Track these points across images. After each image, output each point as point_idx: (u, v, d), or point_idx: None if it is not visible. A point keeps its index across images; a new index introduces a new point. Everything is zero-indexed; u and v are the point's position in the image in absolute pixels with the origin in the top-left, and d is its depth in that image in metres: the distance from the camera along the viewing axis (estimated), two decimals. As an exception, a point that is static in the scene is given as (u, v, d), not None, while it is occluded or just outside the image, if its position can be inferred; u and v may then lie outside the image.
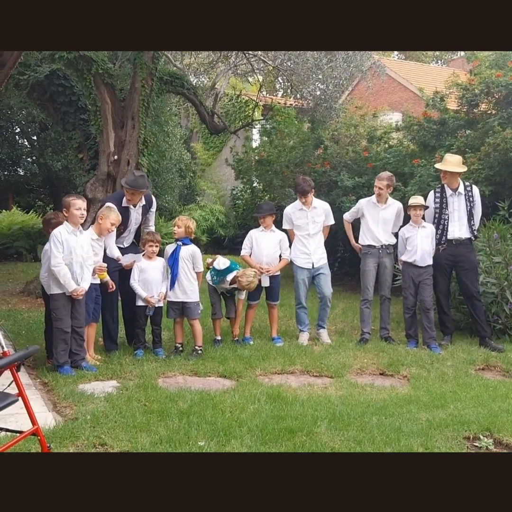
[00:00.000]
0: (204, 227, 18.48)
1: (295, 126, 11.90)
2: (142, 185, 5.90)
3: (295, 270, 6.61)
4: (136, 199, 5.88)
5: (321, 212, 6.56)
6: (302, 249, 6.53)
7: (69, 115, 9.54)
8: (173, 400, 4.39)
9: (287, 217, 6.62)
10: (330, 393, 4.78)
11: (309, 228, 6.50)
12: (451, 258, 6.45)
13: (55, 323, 5.12)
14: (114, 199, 5.97)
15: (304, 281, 6.56)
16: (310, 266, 6.50)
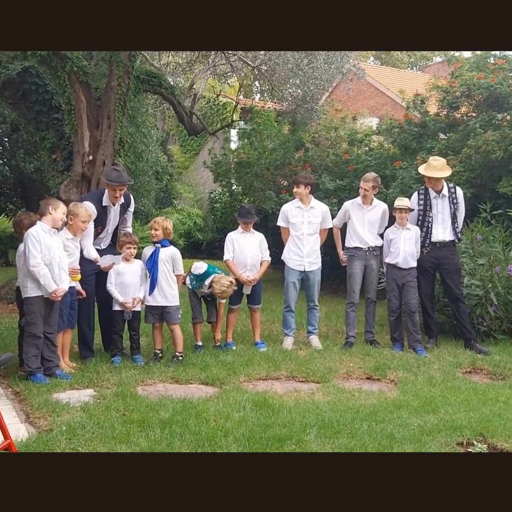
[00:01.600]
0: (181, 231, 18.21)
1: (275, 128, 11.75)
2: (127, 179, 5.73)
3: (287, 271, 6.43)
4: (121, 195, 5.67)
5: (318, 213, 6.39)
6: (295, 250, 6.36)
7: (42, 114, 9.24)
8: (154, 409, 4.18)
9: (283, 214, 6.44)
10: (317, 399, 4.61)
11: (304, 228, 6.33)
12: (435, 261, 6.35)
13: (29, 328, 4.86)
14: (92, 198, 5.73)
15: (295, 284, 6.39)
16: (302, 268, 6.34)
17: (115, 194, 5.62)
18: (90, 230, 5.48)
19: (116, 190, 5.61)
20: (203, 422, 3.95)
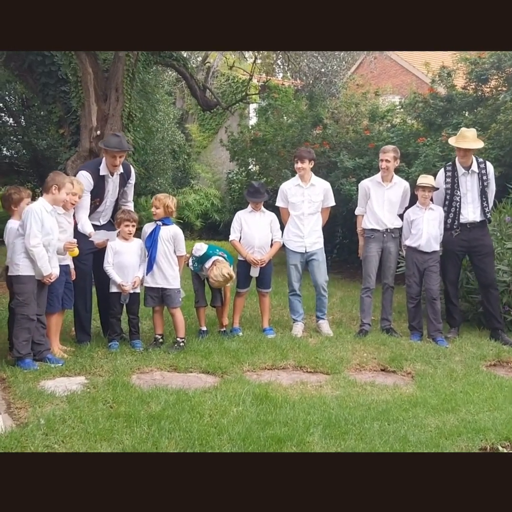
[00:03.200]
0: (198, 212, 17.93)
1: (292, 104, 11.24)
2: (126, 146, 5.37)
3: (287, 254, 6.03)
4: (120, 162, 5.28)
5: (320, 191, 5.96)
6: (295, 231, 5.95)
7: (49, 87, 8.90)
8: (145, 401, 3.82)
9: (282, 193, 6.01)
10: (325, 393, 4.21)
11: (304, 207, 5.90)
12: (465, 244, 5.84)
13: (20, 309, 4.53)
14: (88, 167, 5.36)
15: (297, 266, 5.98)
16: (303, 250, 5.92)
17: (115, 161, 5.22)
18: (86, 202, 5.11)
19: (116, 157, 5.21)
20: (196, 418, 3.58)
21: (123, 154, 5.30)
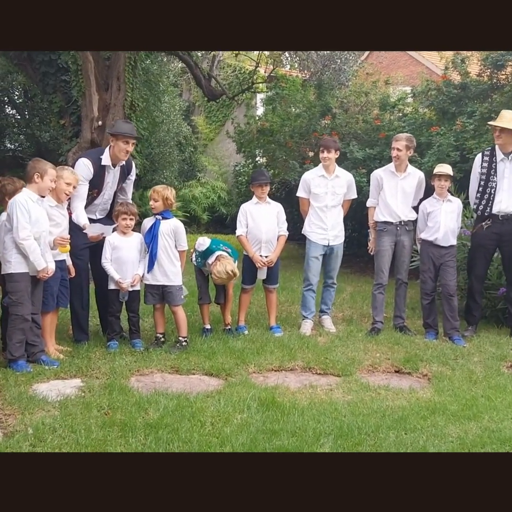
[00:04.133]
0: (205, 205, 17.71)
1: (300, 93, 10.91)
2: (135, 133, 5.13)
3: (308, 245, 5.76)
4: (129, 151, 4.99)
5: (343, 183, 5.69)
6: (318, 223, 5.68)
7: (49, 76, 8.63)
8: (142, 407, 3.56)
9: (305, 183, 5.73)
10: (336, 397, 3.93)
11: (327, 199, 5.63)
12: (496, 237, 5.51)
13: (14, 308, 4.25)
14: (89, 155, 5.08)
15: (317, 258, 5.70)
16: (326, 243, 5.67)
17: (128, 147, 4.94)
18: (83, 191, 4.82)
19: (129, 143, 4.94)
20: (197, 426, 3.31)
21: (134, 142, 5.06)
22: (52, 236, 4.43)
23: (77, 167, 4.87)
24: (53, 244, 4.45)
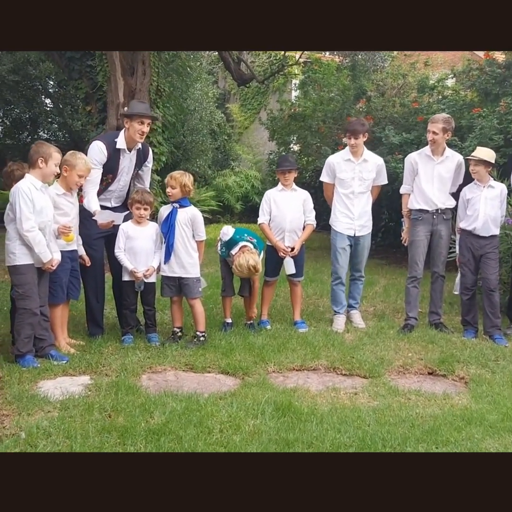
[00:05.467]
0: (238, 194, 17.46)
1: (334, 76, 10.48)
2: (150, 112, 4.88)
3: (334, 236, 5.38)
4: (144, 132, 4.70)
5: (372, 167, 5.28)
6: (344, 212, 5.29)
7: (75, 62, 8.41)
8: (147, 410, 3.29)
9: (330, 167, 5.34)
10: (360, 403, 3.58)
11: (354, 185, 5.24)
12: None
13: (22, 302, 4.03)
14: (104, 138, 4.81)
15: (345, 250, 5.32)
16: (352, 233, 5.28)
17: (143, 128, 4.64)
18: (96, 176, 4.53)
19: (144, 123, 4.65)
20: (204, 434, 3.02)
21: (150, 122, 4.76)
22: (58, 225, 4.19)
23: (90, 150, 4.62)
24: (57, 233, 4.21)
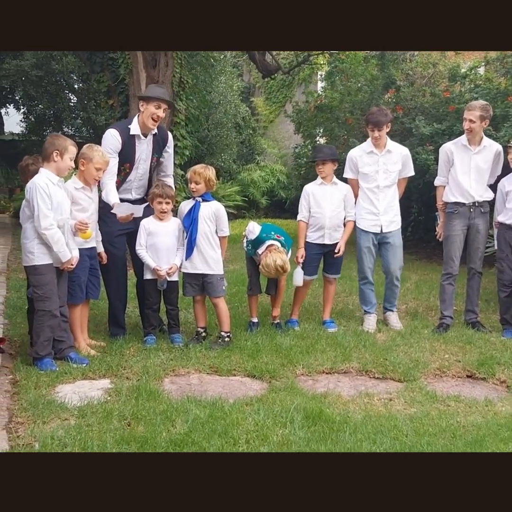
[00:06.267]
0: (263, 189, 17.28)
1: (361, 66, 10.17)
2: (168, 97, 4.72)
3: (359, 234, 5.10)
4: (159, 117, 4.48)
5: (397, 158, 4.98)
6: (368, 208, 5.02)
7: (97, 54, 8.32)
8: (169, 418, 3.10)
9: (352, 162, 5.06)
10: (396, 410, 3.35)
11: (379, 179, 4.96)
12: None
13: (41, 304, 3.87)
14: (118, 126, 4.65)
15: (370, 249, 5.06)
16: (378, 230, 5.00)
17: (159, 112, 4.43)
18: (113, 165, 4.33)
19: (160, 107, 4.43)
20: (229, 444, 2.83)
21: (166, 106, 4.55)
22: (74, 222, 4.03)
23: (104, 139, 4.45)
24: (74, 230, 4.04)
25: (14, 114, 17.93)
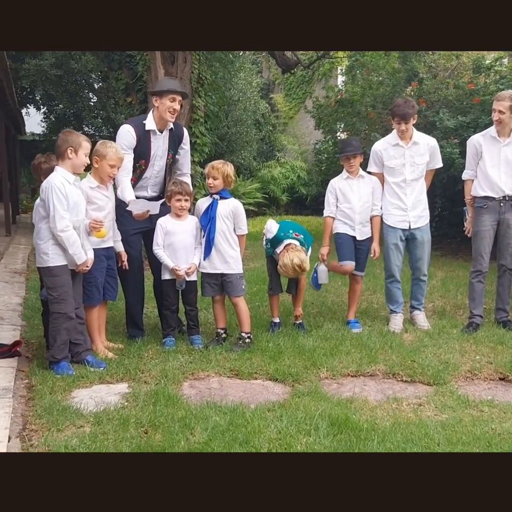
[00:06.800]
0: (284, 186, 17.13)
1: (382, 59, 9.94)
2: (181, 88, 4.51)
3: (385, 231, 4.89)
4: (176, 110, 4.33)
5: (424, 150, 4.78)
6: (395, 203, 4.82)
7: (114, 52, 8.21)
8: (188, 425, 2.97)
9: (376, 155, 4.86)
10: (427, 416, 3.17)
11: (406, 172, 4.76)
12: None
13: (57, 306, 3.77)
14: (132, 121, 4.52)
15: (398, 246, 4.87)
16: (406, 226, 4.81)
17: (174, 105, 4.28)
18: (127, 161, 4.21)
19: (175, 100, 4.28)
20: (251, 454, 2.69)
21: (181, 99, 4.40)
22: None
23: (118, 135, 4.34)
24: (88, 229, 3.92)
25: (34, 114, 18.01)
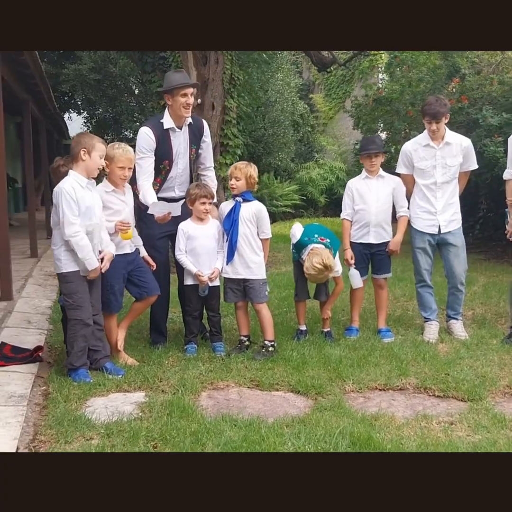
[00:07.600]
0: (322, 187, 16.90)
1: (423, 54, 9.62)
2: (190, 80, 4.40)
3: (413, 235, 4.67)
4: (190, 104, 4.19)
5: (457, 151, 4.50)
6: (424, 206, 4.57)
7: (148, 54, 8.22)
8: (200, 440, 2.82)
9: (406, 156, 4.61)
10: (458, 437, 2.92)
11: (437, 175, 4.49)
12: None
13: (72, 312, 3.69)
14: (149, 122, 4.44)
15: (426, 250, 4.62)
16: (436, 230, 4.55)
17: (188, 99, 4.15)
18: (148, 165, 4.12)
19: (187, 94, 4.15)
20: (262, 475, 2.51)
21: (192, 91, 4.25)
22: (109, 224, 3.81)
23: (138, 139, 4.24)
24: (114, 230, 3.82)
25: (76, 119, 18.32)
